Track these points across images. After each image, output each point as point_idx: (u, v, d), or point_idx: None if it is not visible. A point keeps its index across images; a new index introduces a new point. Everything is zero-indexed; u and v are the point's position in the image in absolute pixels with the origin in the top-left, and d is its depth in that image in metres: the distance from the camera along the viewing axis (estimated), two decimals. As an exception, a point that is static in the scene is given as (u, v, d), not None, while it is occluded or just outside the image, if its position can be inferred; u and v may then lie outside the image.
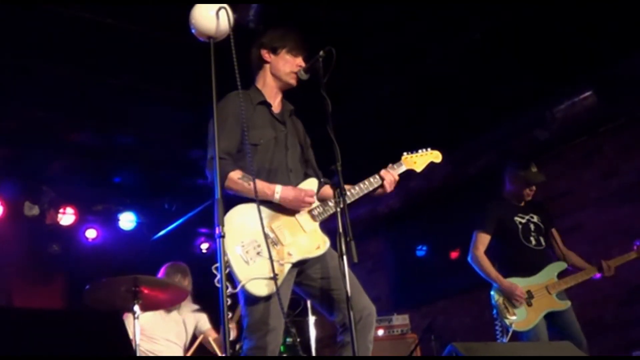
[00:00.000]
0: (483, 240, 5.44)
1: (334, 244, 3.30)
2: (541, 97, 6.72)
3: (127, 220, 9.12)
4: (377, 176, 3.82)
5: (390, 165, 3.94)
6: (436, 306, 8.52)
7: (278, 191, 3.54)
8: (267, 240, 3.36)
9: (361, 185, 3.77)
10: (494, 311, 5.29)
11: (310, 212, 3.67)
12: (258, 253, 3.44)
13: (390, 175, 3.83)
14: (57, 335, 2.62)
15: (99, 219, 9.02)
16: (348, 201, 3.57)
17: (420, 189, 8.07)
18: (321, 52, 3.56)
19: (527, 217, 5.52)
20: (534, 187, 5.55)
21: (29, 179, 8.09)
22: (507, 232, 5.44)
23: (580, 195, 7.26)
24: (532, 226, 5.49)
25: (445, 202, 8.31)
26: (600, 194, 7.09)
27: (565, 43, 5.99)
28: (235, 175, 3.53)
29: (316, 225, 3.65)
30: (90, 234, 8.93)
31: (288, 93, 3.97)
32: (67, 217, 8.63)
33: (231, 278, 3.37)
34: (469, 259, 5.47)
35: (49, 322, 2.69)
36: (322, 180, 3.86)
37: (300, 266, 3.62)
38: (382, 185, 3.81)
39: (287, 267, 3.50)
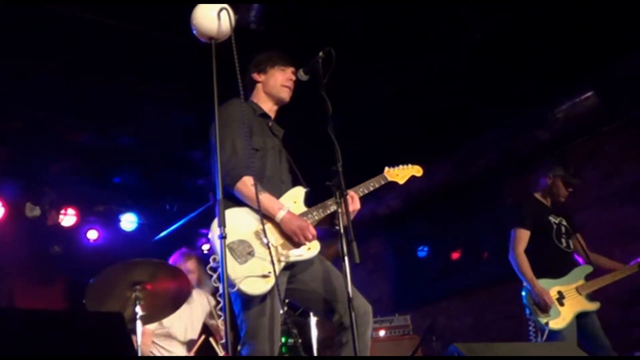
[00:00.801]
0: (523, 236, 5.39)
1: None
2: (542, 97, 6.72)
3: (129, 221, 9.13)
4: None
5: (372, 179, 3.96)
6: (437, 307, 8.52)
7: (284, 211, 3.56)
8: (265, 235, 3.39)
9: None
10: (527, 310, 5.26)
11: (301, 216, 3.68)
12: (249, 253, 3.46)
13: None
14: (58, 336, 2.62)
15: (100, 220, 9.02)
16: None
17: (421, 190, 8.07)
18: (320, 53, 3.58)
19: (559, 219, 5.54)
20: (570, 189, 5.57)
21: (30, 180, 8.10)
22: (541, 231, 5.43)
23: (582, 195, 7.23)
24: (563, 228, 5.52)
25: (446, 202, 8.32)
26: (601, 194, 7.08)
27: (567, 43, 5.99)
28: (249, 180, 3.53)
29: None
30: (92, 235, 8.93)
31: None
32: (68, 218, 8.63)
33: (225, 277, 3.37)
34: (509, 256, 5.41)
35: (51, 323, 2.69)
36: (308, 189, 3.85)
37: (291, 269, 3.64)
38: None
39: (279, 267, 3.50)
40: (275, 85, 3.93)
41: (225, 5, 3.39)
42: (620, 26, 5.78)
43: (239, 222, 3.53)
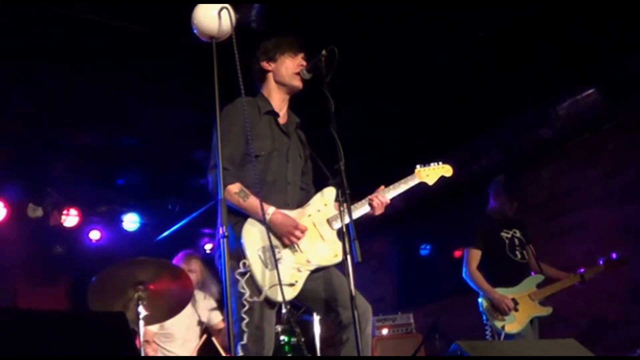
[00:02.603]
0: (475, 256, 5.70)
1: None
2: (544, 95, 6.71)
3: (131, 221, 9.13)
4: (364, 201, 3.79)
5: (402, 179, 3.97)
6: (440, 305, 8.50)
7: (269, 212, 3.52)
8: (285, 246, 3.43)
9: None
10: (484, 317, 5.56)
11: (328, 220, 3.69)
12: (278, 259, 3.45)
13: (377, 200, 3.78)
14: (61, 336, 2.62)
15: (103, 220, 9.02)
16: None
17: (424, 188, 8.04)
18: (323, 52, 3.56)
19: (511, 232, 5.80)
20: (515, 205, 5.83)
21: (32, 180, 8.10)
22: (494, 247, 5.71)
23: (584, 193, 7.24)
24: (516, 241, 5.78)
25: (449, 201, 8.30)
26: (604, 192, 7.06)
27: (568, 40, 5.98)
28: (233, 188, 3.52)
29: (334, 233, 3.67)
30: (94, 235, 8.93)
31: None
32: (70, 218, 8.63)
33: (252, 282, 3.39)
34: (463, 274, 5.73)
35: (53, 323, 2.69)
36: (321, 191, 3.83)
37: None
38: (371, 208, 3.80)
39: (306, 274, 3.53)
40: (287, 73, 3.83)
41: (226, 5, 3.39)
42: (622, 23, 5.78)
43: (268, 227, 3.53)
